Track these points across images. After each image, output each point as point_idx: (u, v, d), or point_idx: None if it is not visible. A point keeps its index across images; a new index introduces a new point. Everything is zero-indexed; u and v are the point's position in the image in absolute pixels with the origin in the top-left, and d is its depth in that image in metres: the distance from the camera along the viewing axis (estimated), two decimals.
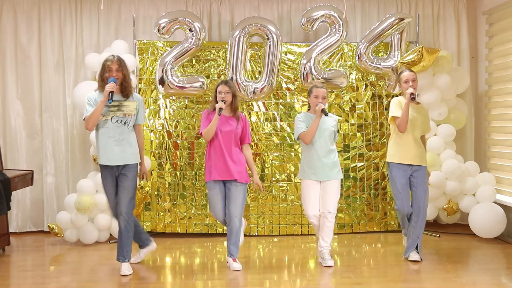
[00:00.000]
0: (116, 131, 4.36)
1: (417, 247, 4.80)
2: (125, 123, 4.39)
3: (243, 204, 4.62)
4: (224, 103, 4.52)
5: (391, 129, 4.85)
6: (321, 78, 5.79)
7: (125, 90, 4.41)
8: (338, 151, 5.88)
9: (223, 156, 4.55)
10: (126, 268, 4.49)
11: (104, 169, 4.43)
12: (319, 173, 4.68)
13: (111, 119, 4.36)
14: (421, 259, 4.77)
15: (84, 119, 4.37)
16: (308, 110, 4.85)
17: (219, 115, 4.47)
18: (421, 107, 4.85)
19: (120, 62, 4.39)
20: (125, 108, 4.40)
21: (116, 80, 4.32)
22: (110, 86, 4.26)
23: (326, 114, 4.60)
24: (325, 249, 4.74)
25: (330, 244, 4.76)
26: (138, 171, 4.56)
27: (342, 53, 6.01)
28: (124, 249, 4.50)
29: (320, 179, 4.69)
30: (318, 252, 4.81)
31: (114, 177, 4.45)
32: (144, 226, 5.89)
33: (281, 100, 5.97)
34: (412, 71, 4.78)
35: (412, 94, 4.58)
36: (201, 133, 4.58)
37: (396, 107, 4.70)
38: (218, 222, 5.22)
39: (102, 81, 4.37)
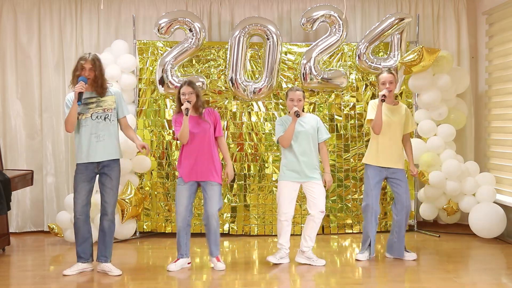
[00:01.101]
0: (97, 127, 4.33)
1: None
2: (105, 118, 4.36)
3: (219, 203, 4.59)
4: (190, 104, 4.47)
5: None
6: (321, 78, 5.79)
7: (97, 89, 4.36)
8: (338, 151, 5.96)
9: (197, 157, 4.52)
10: (112, 268, 4.48)
11: (83, 167, 4.36)
12: (299, 174, 4.67)
13: (91, 116, 4.33)
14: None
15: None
16: (289, 113, 4.78)
17: (187, 115, 4.41)
18: (399, 107, 4.83)
19: (94, 62, 4.33)
20: (103, 103, 4.37)
21: (86, 80, 4.27)
22: (78, 87, 4.21)
23: (298, 116, 4.58)
24: (310, 249, 4.75)
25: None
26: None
27: (342, 53, 6.01)
28: (107, 250, 4.49)
29: (301, 180, 4.68)
30: (301, 253, 4.76)
31: (92, 175, 4.38)
32: (144, 226, 5.90)
33: (281, 100, 5.97)
34: (391, 72, 4.78)
35: (383, 96, 4.60)
36: (176, 138, 4.55)
37: (372, 109, 4.74)
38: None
39: (73, 78, 4.33)
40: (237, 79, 5.74)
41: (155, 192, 5.90)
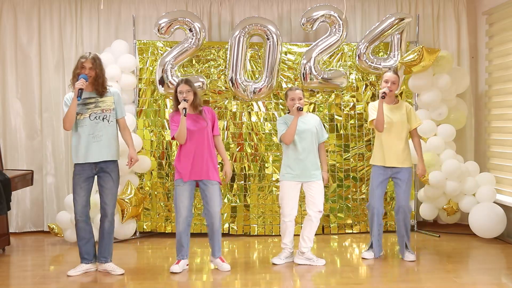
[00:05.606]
0: (95, 128, 4.32)
1: (407, 247, 4.82)
2: (103, 118, 4.34)
3: (220, 202, 4.58)
4: (187, 102, 4.42)
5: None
6: (321, 78, 5.79)
7: (98, 88, 4.37)
8: (338, 151, 5.97)
9: (196, 156, 4.46)
10: (114, 267, 4.50)
11: (80, 167, 4.35)
12: (301, 174, 4.67)
13: (89, 116, 4.32)
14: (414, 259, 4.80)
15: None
16: (288, 113, 4.83)
17: (185, 116, 4.35)
18: (400, 105, 4.83)
19: (94, 61, 4.34)
20: (102, 103, 4.37)
21: (87, 77, 4.28)
22: (79, 83, 4.21)
23: (301, 110, 4.59)
24: (309, 250, 4.74)
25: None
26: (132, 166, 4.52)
27: (342, 53, 6.01)
28: (107, 250, 4.49)
29: (302, 180, 4.68)
30: (301, 254, 4.74)
31: (90, 176, 4.36)
32: (144, 226, 5.90)
33: (281, 100, 5.97)
34: (396, 73, 4.81)
35: (384, 93, 4.63)
36: (173, 137, 4.47)
37: (372, 110, 4.77)
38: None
39: (74, 77, 4.33)
40: (237, 79, 5.74)
41: (155, 192, 5.90)
